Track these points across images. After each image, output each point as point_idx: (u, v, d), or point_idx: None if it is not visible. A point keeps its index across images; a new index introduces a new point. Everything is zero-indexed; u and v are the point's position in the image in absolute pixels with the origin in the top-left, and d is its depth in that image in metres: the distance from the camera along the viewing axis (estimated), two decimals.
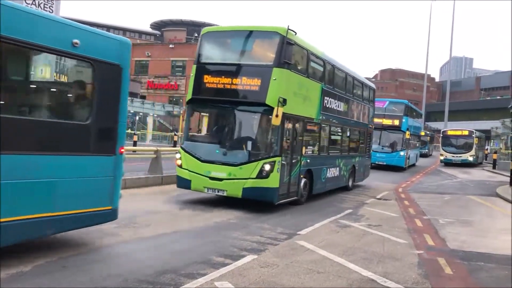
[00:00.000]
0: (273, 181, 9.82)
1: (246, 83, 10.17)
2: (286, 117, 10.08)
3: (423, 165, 35.51)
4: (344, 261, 6.52)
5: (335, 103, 13.79)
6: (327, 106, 13.05)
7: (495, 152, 37.99)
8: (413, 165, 32.83)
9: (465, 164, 35.48)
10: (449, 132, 39.10)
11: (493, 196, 17.36)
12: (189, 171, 10.37)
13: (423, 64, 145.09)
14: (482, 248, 8.24)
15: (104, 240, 6.67)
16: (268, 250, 6.86)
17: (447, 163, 36.14)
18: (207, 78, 10.52)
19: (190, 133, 11.32)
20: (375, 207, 12.68)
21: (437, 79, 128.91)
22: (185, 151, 10.59)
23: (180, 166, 10.57)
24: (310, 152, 12.16)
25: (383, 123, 27.33)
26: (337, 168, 14.48)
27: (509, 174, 20.54)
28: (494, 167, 34.13)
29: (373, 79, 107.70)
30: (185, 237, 7.52)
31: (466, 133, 37.36)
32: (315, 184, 12.42)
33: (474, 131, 37.41)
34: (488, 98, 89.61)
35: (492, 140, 57.32)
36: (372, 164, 25.43)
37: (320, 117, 12.61)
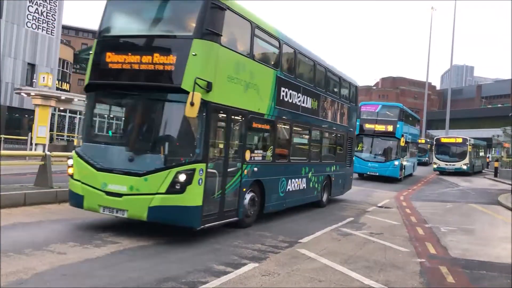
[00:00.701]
0: (191, 197, 7.09)
1: (158, 62, 7.40)
2: (215, 108, 7.62)
3: (422, 174, 34.54)
4: (346, 270, 6.49)
5: (299, 97, 11.08)
6: (286, 100, 10.39)
7: (497, 160, 37.98)
8: (410, 175, 30.42)
9: (460, 173, 34.26)
10: (443, 140, 37.42)
11: (494, 204, 17.32)
12: (82, 183, 7.69)
13: (424, 72, 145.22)
14: (484, 256, 8.21)
15: None
16: (269, 258, 6.83)
17: (441, 172, 35.25)
18: (110, 57, 7.80)
19: (89, 132, 8.50)
20: (376, 215, 12.65)
21: (438, 87, 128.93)
22: (79, 156, 7.84)
23: (72, 177, 7.92)
24: (260, 158, 9.46)
25: (376, 129, 25.04)
26: (304, 179, 11.74)
27: (510, 182, 20.52)
28: (495, 175, 34.09)
29: (374, 87, 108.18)
30: None
31: (460, 140, 35.69)
32: (268, 200, 9.74)
33: (468, 138, 35.89)
34: (489, 106, 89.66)
35: (493, 148, 57.32)
36: (364, 175, 24.81)
37: (274, 113, 9.87)
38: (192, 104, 6.80)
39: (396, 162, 24.60)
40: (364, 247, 8.27)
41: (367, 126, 25.07)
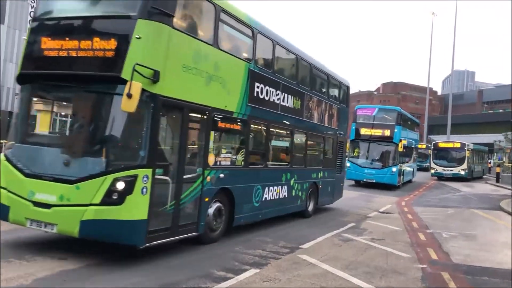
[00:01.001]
0: (132, 210, 5.93)
1: (98, 47, 6.25)
2: (166, 103, 6.42)
3: (423, 180, 33.21)
4: (347, 275, 6.46)
5: (277, 95, 9.92)
6: (261, 97, 9.24)
7: (498, 166, 37.86)
8: (410, 181, 28.99)
9: (458, 179, 33.43)
10: (441, 145, 36.51)
11: (496, 209, 17.27)
12: (8, 191, 6.50)
13: (425, 78, 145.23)
14: (486, 262, 8.17)
15: None
16: (270, 264, 6.80)
17: (439, 177, 34.57)
18: (45, 43, 6.66)
19: (23, 131, 7.17)
20: (378, 220, 12.61)
21: (439, 93, 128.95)
22: (7, 160, 6.66)
23: None
24: (228, 163, 8.36)
25: (372, 133, 23.65)
26: (285, 187, 10.59)
27: (511, 188, 20.46)
28: (497, 181, 34.00)
29: (376, 92, 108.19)
30: None
31: (458, 145, 34.56)
32: (238, 211, 8.55)
33: (466, 143, 34.82)
34: (491, 111, 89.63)
35: (495, 154, 57.21)
36: (361, 182, 23.76)
37: (247, 112, 8.73)
38: (129, 95, 5.63)
39: (394, 169, 23.24)
40: (366, 252, 8.23)
41: (364, 130, 24.01)
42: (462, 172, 33.62)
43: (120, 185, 5.82)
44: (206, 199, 7.49)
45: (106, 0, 6.99)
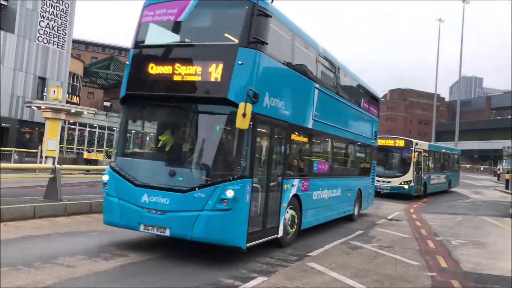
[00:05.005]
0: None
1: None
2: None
3: None
4: (356, 284, 6.42)
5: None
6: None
7: (507, 172, 37.52)
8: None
9: (398, 195, 21.87)
10: (379, 142, 18.35)
11: (506, 217, 17.09)
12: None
13: (432, 84, 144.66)
14: (496, 270, 8.08)
15: None
16: (278, 272, 6.78)
17: (376, 192, 19.14)
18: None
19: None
20: (386, 228, 12.53)
21: (447, 99, 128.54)
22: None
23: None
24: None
25: (168, 76, 13.49)
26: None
27: None
28: (506, 187, 33.70)
29: (383, 99, 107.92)
30: None
31: (402, 143, 22.43)
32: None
33: (414, 141, 22.72)
34: (499, 117, 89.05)
35: (504, 160, 56.77)
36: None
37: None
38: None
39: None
40: (374, 260, 8.18)
41: (155, 69, 15.16)
42: (406, 186, 21.75)
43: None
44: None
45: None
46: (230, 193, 6.62)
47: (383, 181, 21.76)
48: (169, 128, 7.92)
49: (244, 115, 6.50)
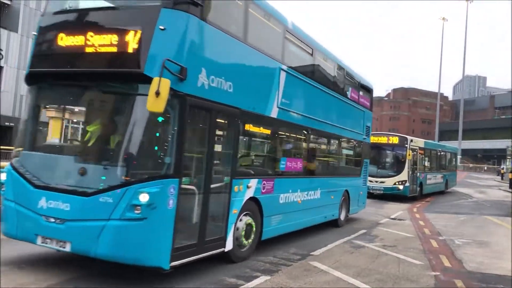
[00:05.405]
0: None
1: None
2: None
3: None
4: (359, 283, 6.41)
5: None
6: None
7: (511, 172, 37.38)
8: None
9: (392, 197, 20.40)
10: (372, 139, 17.78)
11: (510, 216, 17.03)
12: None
13: (436, 83, 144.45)
14: (500, 270, 8.05)
15: None
16: (281, 271, 6.78)
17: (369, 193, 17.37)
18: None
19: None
20: (389, 227, 12.52)
21: (450, 98, 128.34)
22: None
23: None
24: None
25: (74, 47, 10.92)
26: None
27: None
28: (510, 187, 33.58)
29: (386, 98, 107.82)
30: None
31: (396, 141, 20.92)
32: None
33: (408, 138, 21.24)
34: (503, 116, 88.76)
35: (508, 159, 56.61)
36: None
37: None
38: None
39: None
40: (377, 259, 8.17)
41: (65, 41, 10.05)
42: (400, 186, 20.27)
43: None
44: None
45: None
46: (144, 198, 5.06)
47: (376, 181, 20.13)
48: (80, 113, 6.62)
49: (157, 93, 4.93)
